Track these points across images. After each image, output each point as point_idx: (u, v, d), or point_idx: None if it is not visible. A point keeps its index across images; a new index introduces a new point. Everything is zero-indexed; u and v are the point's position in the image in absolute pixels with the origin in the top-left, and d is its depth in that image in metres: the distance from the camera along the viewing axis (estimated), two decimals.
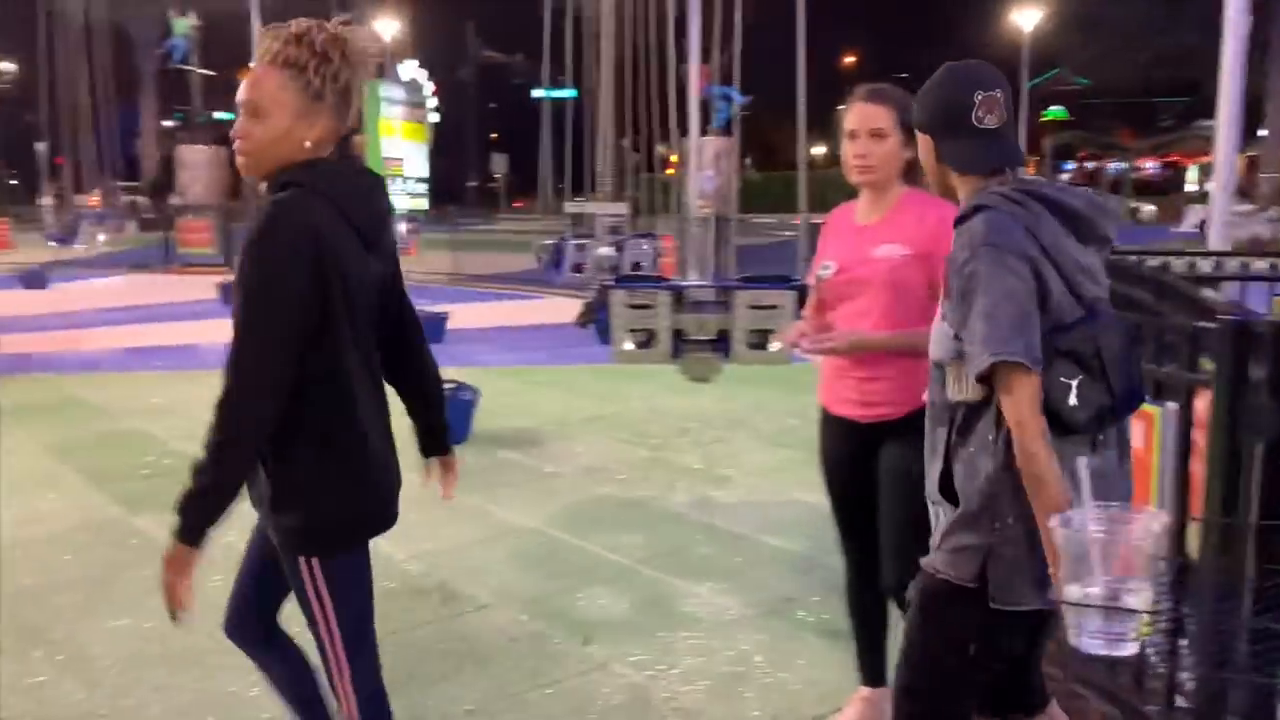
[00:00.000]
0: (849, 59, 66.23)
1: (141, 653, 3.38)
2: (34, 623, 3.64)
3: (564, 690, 3.14)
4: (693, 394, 6.34)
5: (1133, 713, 2.82)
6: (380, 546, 4.30)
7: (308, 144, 1.98)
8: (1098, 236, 1.92)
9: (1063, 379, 1.82)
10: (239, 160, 2.02)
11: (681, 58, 15.26)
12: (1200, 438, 2.64)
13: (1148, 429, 2.80)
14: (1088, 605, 1.21)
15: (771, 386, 7.65)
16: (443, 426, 2.42)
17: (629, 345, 5.72)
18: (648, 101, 17.26)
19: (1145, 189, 46.57)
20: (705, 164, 18.69)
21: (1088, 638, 1.27)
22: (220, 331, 8.80)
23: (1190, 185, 36.66)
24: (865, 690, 2.90)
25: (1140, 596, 1.27)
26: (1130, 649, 1.26)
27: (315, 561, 2.10)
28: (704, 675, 3.25)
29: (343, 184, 2.02)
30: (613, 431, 6.46)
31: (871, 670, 2.90)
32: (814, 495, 5.09)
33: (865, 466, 2.71)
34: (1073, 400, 1.80)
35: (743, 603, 3.80)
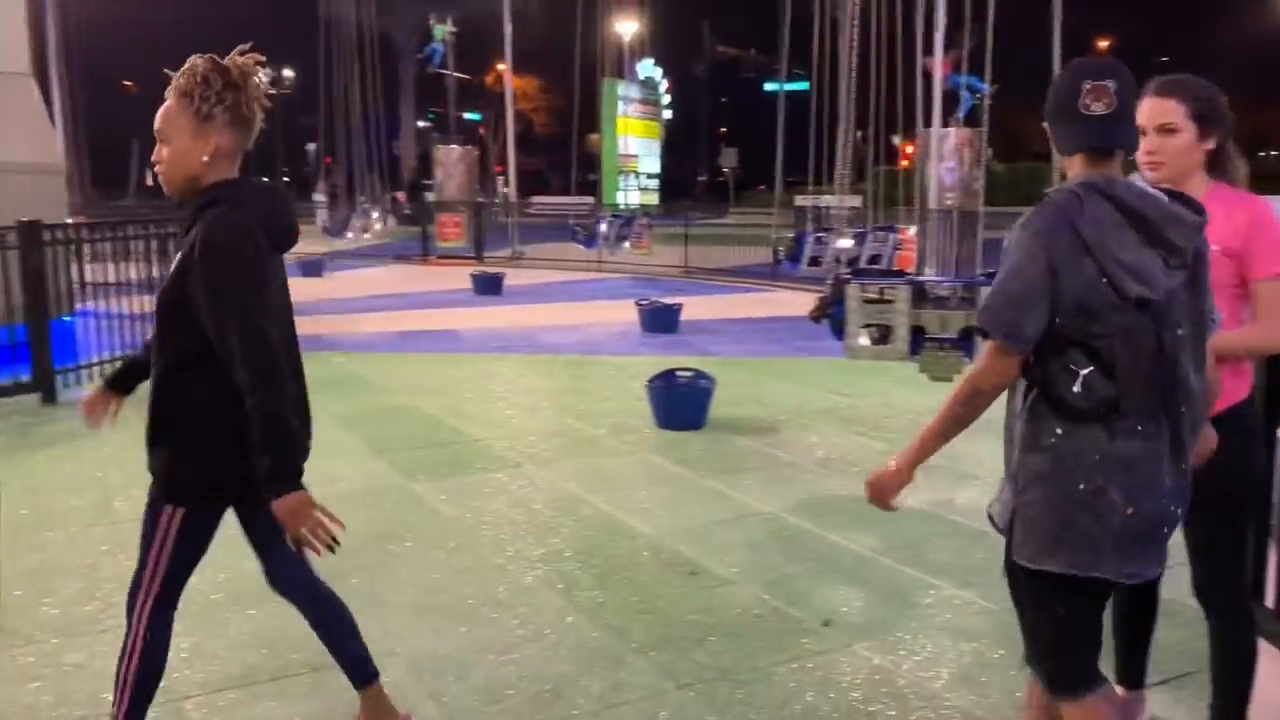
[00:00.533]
0: (1104, 43, 62.16)
1: (424, 601, 3.79)
2: (331, 570, 4.14)
3: (807, 667, 3.28)
4: (932, 391, 6.29)
5: None
6: (630, 522, 4.61)
7: (205, 159, 2.36)
8: (1164, 241, 1.97)
9: (1071, 366, 1.97)
10: (161, 181, 2.42)
11: (926, 48, 14.95)
12: None
13: None
14: None
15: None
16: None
17: (864, 340, 5.78)
18: (885, 93, 16.99)
19: None
20: (946, 155, 18.19)
21: None
22: (475, 319, 9.57)
23: None
24: (1119, 690, 2.88)
25: None
26: None
27: (180, 512, 2.45)
28: (944, 664, 3.31)
29: (260, 201, 2.41)
30: (848, 425, 6.51)
31: (1130, 671, 2.88)
32: None
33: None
34: (1076, 388, 1.95)
35: (984, 597, 3.81)
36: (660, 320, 10.56)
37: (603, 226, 16.18)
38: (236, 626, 3.58)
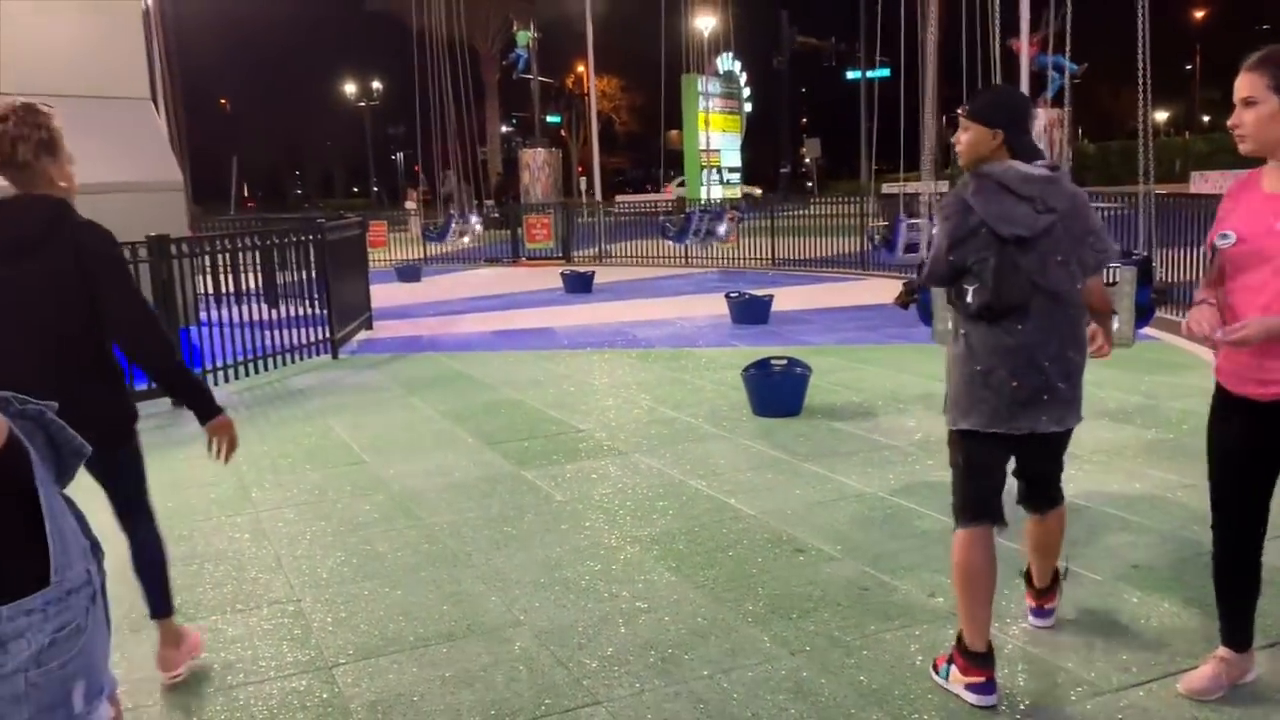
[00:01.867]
0: (1199, 14, 59.92)
1: (544, 578, 4.02)
2: (454, 550, 4.41)
3: (916, 634, 3.42)
4: None
5: None
6: (733, 504, 4.78)
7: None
8: (1027, 198, 2.82)
9: (965, 285, 2.90)
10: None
11: (1009, 29, 14.75)
12: None
13: None
14: None
15: (1113, 366, 7.41)
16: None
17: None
18: (968, 76, 16.76)
19: None
20: (1036, 136, 17.89)
21: None
22: (568, 316, 9.84)
23: None
24: (1225, 651, 2.95)
25: None
26: None
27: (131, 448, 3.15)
28: (1048, 632, 3.40)
29: None
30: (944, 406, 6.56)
31: (1239, 634, 2.95)
32: (1159, 471, 5.01)
33: (1264, 447, 2.72)
34: (969, 299, 2.88)
35: (1088, 568, 3.88)
36: (751, 312, 10.69)
37: (695, 221, 16.28)
38: (378, 601, 3.85)
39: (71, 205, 2.97)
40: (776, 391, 6.56)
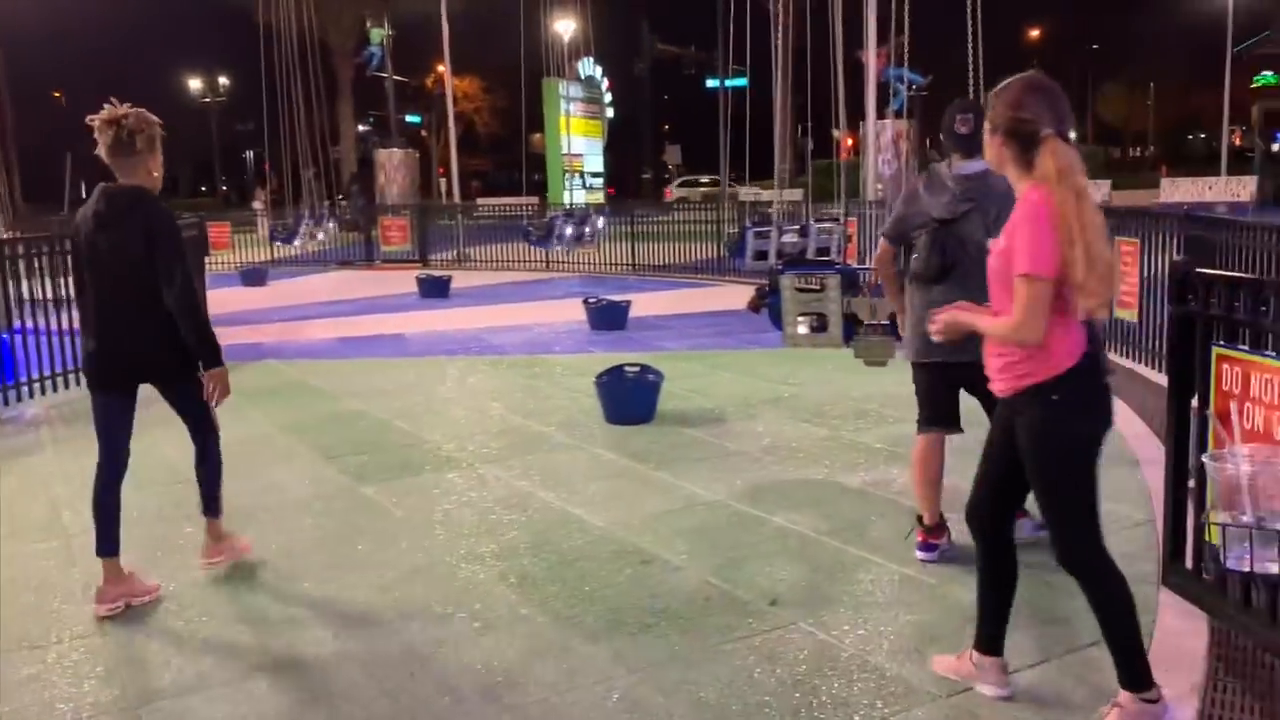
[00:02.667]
0: (1034, 32, 63.30)
1: (377, 601, 3.83)
2: (283, 574, 4.17)
3: (755, 644, 3.38)
4: (874, 377, 6.40)
5: None
6: (580, 515, 4.68)
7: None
8: (948, 190, 3.92)
9: (909, 253, 4.04)
10: None
11: (857, 42, 15.15)
12: None
13: None
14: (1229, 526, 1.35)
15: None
16: None
17: (801, 329, 5.88)
18: (815, 88, 17.19)
19: None
20: (883, 148, 18.47)
21: (1233, 560, 1.40)
22: (421, 322, 9.52)
23: None
24: (975, 653, 3.04)
25: None
26: (1274, 567, 1.39)
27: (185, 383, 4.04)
28: (888, 637, 3.42)
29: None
30: (793, 412, 6.64)
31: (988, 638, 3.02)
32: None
33: (1001, 438, 2.88)
34: (912, 265, 3.99)
35: (923, 572, 3.94)
36: (608, 317, 10.64)
37: (567, 227, 16.14)
38: (193, 632, 3.59)
39: (150, 192, 3.86)
40: (629, 399, 6.50)
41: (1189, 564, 3.48)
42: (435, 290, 14.16)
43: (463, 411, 6.98)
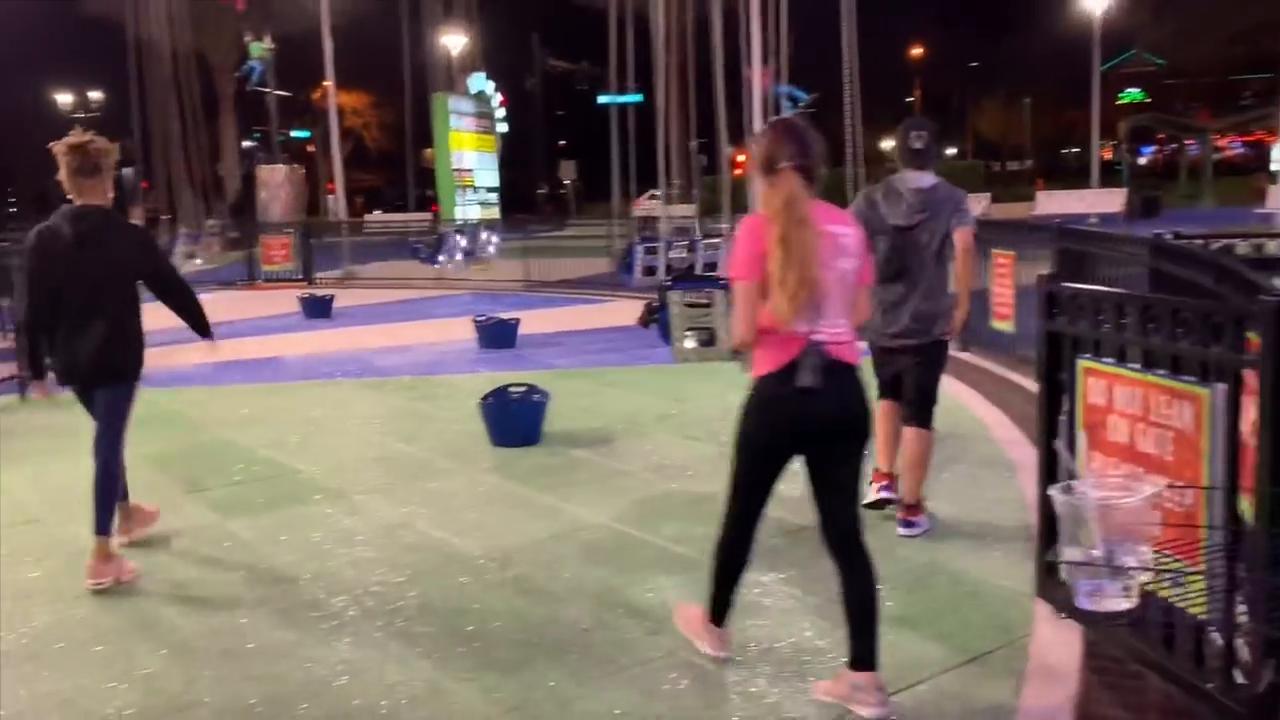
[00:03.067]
0: (917, 50, 65.32)
1: (234, 647, 3.61)
2: (135, 620, 3.90)
3: (634, 676, 3.28)
4: None
5: (1191, 689, 2.85)
6: (458, 544, 4.51)
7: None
8: (903, 200, 4.41)
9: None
10: None
11: (744, 59, 15.33)
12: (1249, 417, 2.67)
13: (1198, 409, 2.83)
14: (1080, 564, 1.30)
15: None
16: None
17: (690, 344, 5.86)
18: (713, 103, 17.33)
19: (1228, 170, 44.93)
20: None
21: (1084, 597, 1.35)
22: (302, 344, 9.14)
23: (1275, 164, 35.42)
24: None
25: (1135, 558, 1.36)
26: (1123, 604, 1.34)
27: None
28: (769, 661, 3.36)
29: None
30: (683, 429, 6.58)
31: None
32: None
33: None
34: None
35: (807, 592, 3.89)
36: (498, 336, 10.45)
37: (450, 241, 15.86)
38: (34, 686, 3.31)
39: (114, 212, 4.44)
40: (514, 420, 6.35)
41: (1063, 576, 3.50)
42: (318, 310, 13.74)
43: (340, 438, 6.72)
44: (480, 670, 3.36)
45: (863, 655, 2.99)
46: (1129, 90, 67.48)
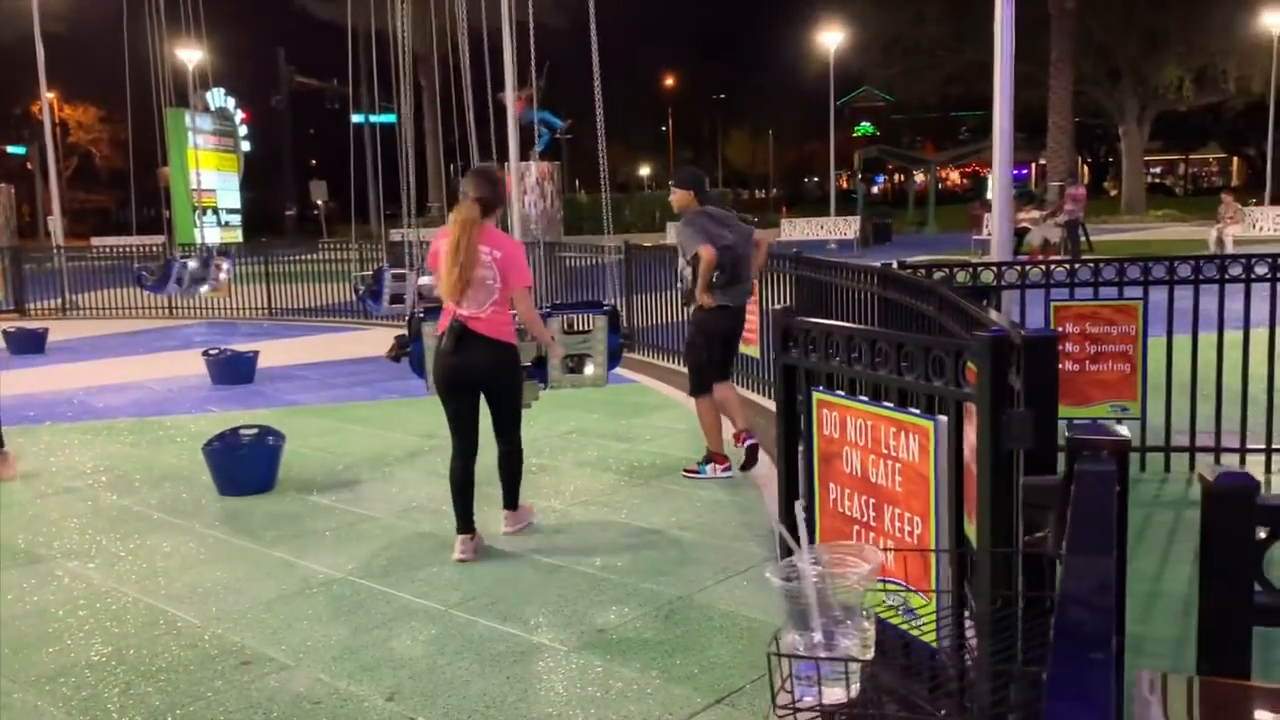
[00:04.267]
0: (669, 81, 67.65)
1: None
2: None
3: None
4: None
5: (929, 717, 2.90)
6: (173, 612, 4.05)
7: None
8: (727, 224, 5.77)
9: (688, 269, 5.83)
10: None
11: (499, 84, 15.16)
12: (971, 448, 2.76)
13: (924, 441, 2.90)
14: (801, 656, 1.21)
15: (596, 409, 7.65)
16: None
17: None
18: (471, 127, 17.03)
19: (949, 198, 49.11)
20: (529, 188, 18.67)
21: (804, 692, 1.26)
22: (6, 384, 8.09)
23: (989, 194, 39.03)
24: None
25: (858, 636, 1.28)
26: (842, 694, 1.26)
27: None
28: (519, 718, 3.17)
29: None
30: (433, 467, 6.28)
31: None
32: (640, 519, 5.10)
33: None
34: (716, 279, 5.69)
35: (559, 638, 3.74)
36: (232, 370, 9.72)
37: (186, 269, 14.57)
38: None
39: None
40: (243, 466, 5.84)
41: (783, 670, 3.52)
42: (27, 345, 12.34)
43: (38, 493, 5.96)
44: None
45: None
46: (863, 124, 72.75)
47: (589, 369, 5.74)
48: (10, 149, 53.17)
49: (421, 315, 5.67)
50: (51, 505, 5.70)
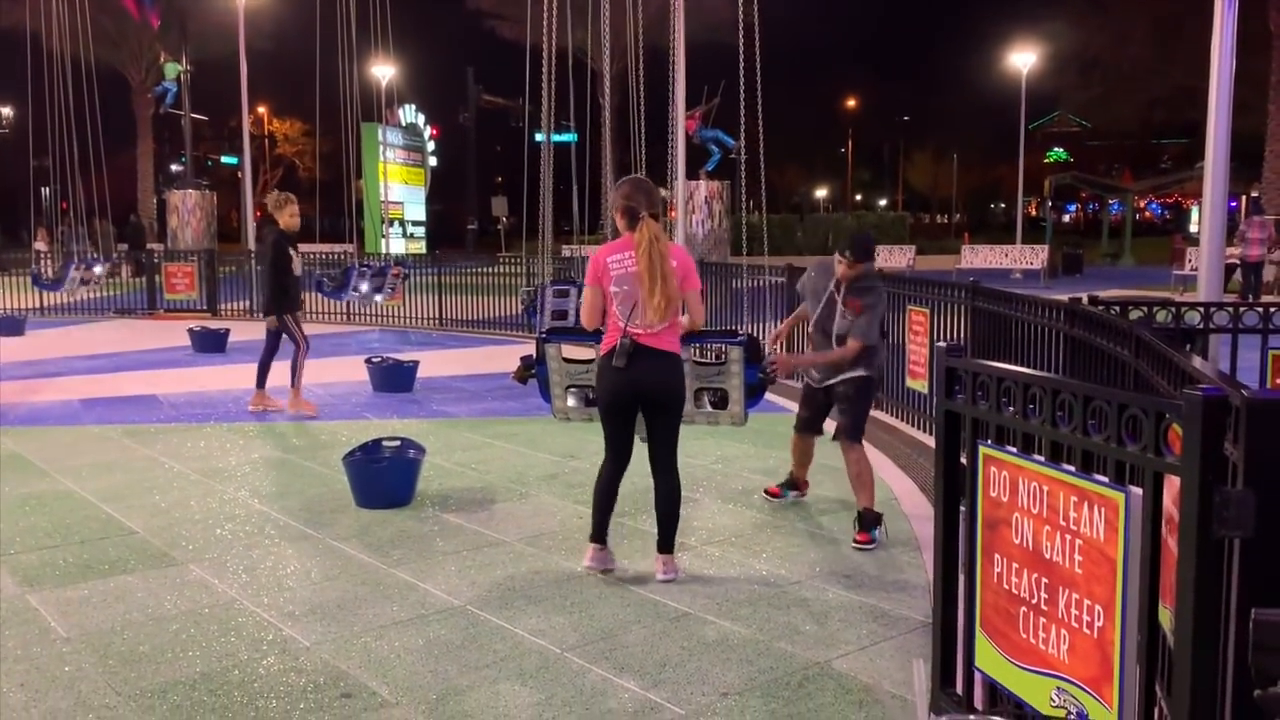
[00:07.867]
0: (850, 103, 66.38)
1: None
2: None
3: None
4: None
5: None
6: (286, 631, 3.90)
7: None
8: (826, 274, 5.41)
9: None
10: None
11: (691, 100, 15.05)
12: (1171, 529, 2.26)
13: (1111, 516, 2.40)
14: None
15: (743, 441, 7.25)
16: None
17: (571, 401, 5.34)
18: (648, 146, 16.97)
19: (1147, 230, 46.02)
20: (697, 207, 18.44)
21: None
22: (185, 381, 8.37)
23: (1194, 226, 36.24)
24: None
25: None
26: None
27: None
28: None
29: None
30: (569, 491, 6.06)
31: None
32: (781, 567, 4.68)
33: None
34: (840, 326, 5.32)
35: (676, 698, 3.38)
36: (393, 379, 9.84)
37: (363, 279, 15.09)
38: None
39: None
40: (381, 480, 5.76)
41: (959, 689, 3.06)
42: (210, 344, 12.95)
43: (189, 493, 6.06)
44: None
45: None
46: (1055, 150, 69.41)
47: (730, 405, 5.28)
48: (224, 159, 57.20)
49: (545, 337, 5.43)
50: (195, 505, 5.76)
